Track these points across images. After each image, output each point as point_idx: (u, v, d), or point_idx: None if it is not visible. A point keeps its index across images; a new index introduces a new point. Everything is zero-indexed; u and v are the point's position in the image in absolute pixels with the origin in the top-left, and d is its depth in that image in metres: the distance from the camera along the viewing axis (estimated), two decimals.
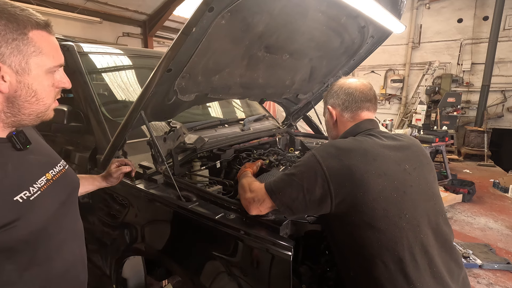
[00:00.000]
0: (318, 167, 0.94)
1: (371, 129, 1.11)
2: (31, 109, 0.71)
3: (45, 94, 0.72)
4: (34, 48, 0.68)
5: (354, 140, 1.04)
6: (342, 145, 0.99)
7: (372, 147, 0.99)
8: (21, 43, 0.66)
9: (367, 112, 1.17)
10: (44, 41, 0.70)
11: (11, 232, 0.65)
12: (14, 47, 0.65)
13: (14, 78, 0.66)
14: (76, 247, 0.90)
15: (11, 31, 0.64)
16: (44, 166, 0.81)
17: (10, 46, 0.64)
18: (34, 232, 0.71)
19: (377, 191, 0.91)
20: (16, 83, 0.67)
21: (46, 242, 0.76)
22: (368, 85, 1.19)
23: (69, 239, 0.86)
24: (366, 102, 1.16)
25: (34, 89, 0.69)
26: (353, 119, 1.16)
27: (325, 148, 1.00)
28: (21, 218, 0.67)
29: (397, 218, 0.91)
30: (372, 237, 0.90)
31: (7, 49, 0.64)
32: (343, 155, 0.95)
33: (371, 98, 1.17)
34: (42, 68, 0.70)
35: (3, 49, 0.64)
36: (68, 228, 0.86)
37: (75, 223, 0.91)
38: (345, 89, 1.17)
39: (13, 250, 0.68)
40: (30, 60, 0.68)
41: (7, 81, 0.65)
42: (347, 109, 1.16)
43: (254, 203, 1.06)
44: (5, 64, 0.64)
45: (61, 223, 0.81)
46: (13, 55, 0.65)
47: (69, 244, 0.86)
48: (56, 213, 0.79)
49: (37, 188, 0.73)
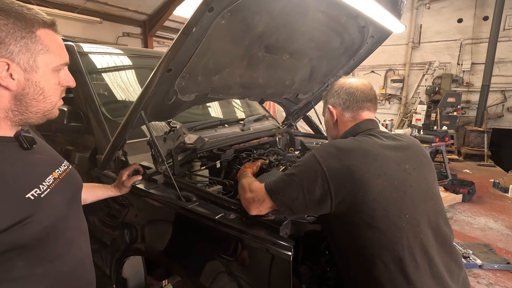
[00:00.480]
0: (318, 167, 0.94)
1: (371, 129, 1.11)
2: (38, 107, 0.72)
3: (51, 92, 0.73)
4: (41, 46, 0.68)
5: (354, 140, 1.04)
6: (342, 145, 0.99)
7: (372, 147, 0.99)
8: (29, 41, 0.66)
9: (368, 112, 1.17)
10: (50, 39, 0.71)
11: (24, 229, 0.66)
12: (23, 45, 0.65)
13: (22, 75, 0.67)
14: (83, 245, 0.91)
15: (20, 29, 0.65)
16: (51, 165, 0.82)
17: (19, 44, 0.65)
18: (45, 229, 0.73)
19: (377, 191, 0.91)
20: (24, 80, 0.67)
21: (55, 239, 0.77)
22: (369, 85, 1.19)
23: (76, 237, 0.87)
24: (367, 102, 1.16)
25: (41, 87, 0.70)
26: (353, 119, 1.16)
27: (325, 148, 1.00)
28: (34, 215, 0.69)
29: (397, 218, 0.91)
30: (372, 237, 0.90)
31: (16, 47, 0.65)
32: (343, 155, 0.95)
33: (372, 98, 1.17)
34: (49, 66, 0.71)
35: (12, 47, 0.64)
36: (74, 226, 0.87)
37: (80, 221, 0.93)
38: (346, 89, 1.17)
39: (25, 247, 0.69)
40: (38, 58, 0.68)
41: (16, 79, 0.66)
42: (348, 109, 1.16)
43: (254, 203, 1.06)
44: (14, 62, 0.65)
45: (68, 221, 0.83)
46: (22, 53, 0.66)
47: (76, 242, 0.87)
48: (64, 210, 0.80)
49: (46, 186, 0.75)
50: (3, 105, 0.68)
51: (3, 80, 0.65)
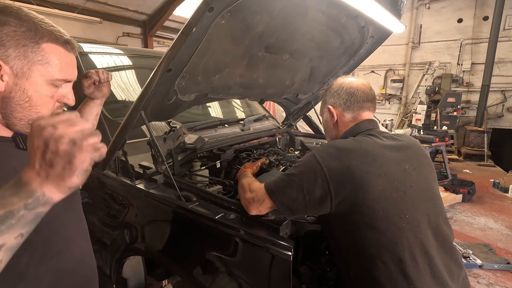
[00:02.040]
0: (318, 168, 0.94)
1: (371, 129, 1.11)
2: (22, 113, 0.72)
3: (40, 102, 0.73)
4: (41, 58, 0.71)
5: (354, 140, 1.04)
6: (342, 146, 0.99)
7: (372, 148, 0.99)
8: (29, 49, 0.69)
9: (368, 112, 1.17)
10: (55, 54, 0.73)
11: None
12: (22, 52, 0.68)
13: (12, 79, 0.69)
14: (82, 243, 0.93)
15: (26, 38, 0.68)
16: None
17: (17, 50, 0.68)
18: (42, 226, 0.74)
19: (377, 191, 0.91)
20: (13, 84, 0.69)
21: (54, 236, 0.80)
22: (368, 85, 1.19)
23: (75, 235, 0.89)
24: (367, 102, 1.16)
25: (29, 94, 0.71)
26: (354, 119, 1.16)
27: (325, 148, 1.00)
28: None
29: (397, 219, 0.91)
30: (372, 237, 0.90)
31: (14, 52, 0.68)
32: (343, 155, 0.95)
33: (372, 98, 1.17)
34: (44, 77, 0.72)
35: (10, 51, 0.67)
36: (73, 224, 0.89)
37: (79, 220, 0.94)
38: (347, 89, 1.17)
39: (29, 242, 0.71)
40: (34, 67, 0.70)
41: (5, 81, 0.68)
42: (349, 109, 1.16)
43: (254, 203, 1.06)
44: (8, 64, 0.68)
45: (65, 218, 0.85)
46: (18, 58, 0.68)
47: (75, 240, 0.89)
48: (60, 208, 0.80)
49: None
50: None
51: None
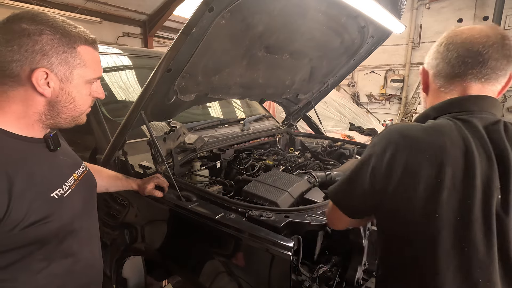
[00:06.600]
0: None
1: (473, 112, 0.75)
2: (68, 113, 0.80)
3: (82, 101, 0.81)
4: (79, 61, 0.77)
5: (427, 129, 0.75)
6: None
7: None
8: (69, 55, 0.75)
9: (478, 85, 0.77)
10: (89, 55, 0.79)
11: (46, 225, 0.74)
12: (63, 58, 0.74)
13: (58, 85, 0.75)
14: (94, 246, 0.98)
15: (63, 44, 0.73)
16: (72, 166, 0.90)
17: (59, 57, 0.73)
18: (62, 227, 0.80)
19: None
20: (59, 89, 0.75)
21: (70, 237, 0.84)
22: (493, 34, 0.75)
23: (89, 238, 0.93)
24: (480, 66, 0.75)
25: (73, 96, 0.78)
26: (450, 90, 0.81)
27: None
28: (55, 213, 0.76)
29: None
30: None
31: (57, 60, 0.73)
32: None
33: (499, 57, 0.73)
34: (83, 78, 0.79)
35: (53, 59, 0.72)
36: (88, 226, 0.93)
37: (94, 224, 0.99)
38: (450, 43, 0.82)
39: (44, 242, 0.77)
40: (74, 71, 0.76)
41: (51, 87, 0.74)
42: (440, 75, 0.84)
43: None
44: (53, 72, 0.73)
45: (82, 221, 0.89)
46: (61, 65, 0.74)
47: (88, 243, 0.93)
48: (80, 210, 0.87)
49: (68, 186, 0.83)
50: (38, 109, 0.75)
51: (40, 87, 0.72)
